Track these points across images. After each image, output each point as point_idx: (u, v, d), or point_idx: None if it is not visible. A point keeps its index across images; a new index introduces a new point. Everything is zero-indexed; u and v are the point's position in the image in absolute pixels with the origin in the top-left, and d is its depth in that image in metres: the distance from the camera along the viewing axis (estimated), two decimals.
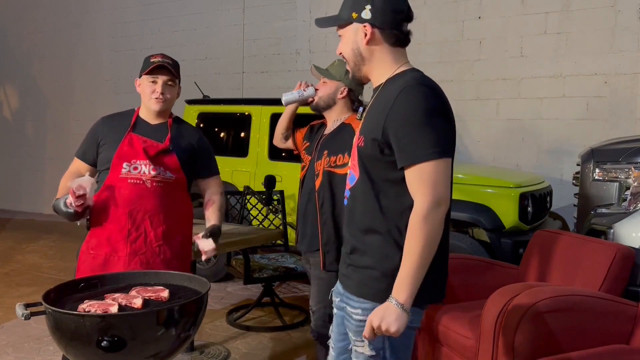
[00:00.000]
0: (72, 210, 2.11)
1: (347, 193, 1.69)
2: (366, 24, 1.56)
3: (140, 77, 2.35)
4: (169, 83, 2.31)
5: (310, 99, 2.61)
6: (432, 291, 1.57)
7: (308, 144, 2.74)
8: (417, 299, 1.48)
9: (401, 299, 1.44)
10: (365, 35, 1.56)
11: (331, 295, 1.82)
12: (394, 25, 1.57)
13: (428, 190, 1.44)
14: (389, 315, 1.45)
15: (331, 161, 2.51)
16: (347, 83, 2.54)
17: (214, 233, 2.26)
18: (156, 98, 2.29)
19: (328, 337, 2.60)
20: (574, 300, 2.23)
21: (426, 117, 1.45)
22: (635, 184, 3.25)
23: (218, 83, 7.15)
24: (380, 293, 1.53)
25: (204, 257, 2.25)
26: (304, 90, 2.60)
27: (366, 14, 1.55)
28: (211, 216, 2.38)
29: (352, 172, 1.66)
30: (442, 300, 1.64)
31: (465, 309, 2.67)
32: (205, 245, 2.22)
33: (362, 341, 1.58)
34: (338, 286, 1.75)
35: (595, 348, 2.19)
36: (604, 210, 3.39)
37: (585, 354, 2.14)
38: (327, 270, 2.52)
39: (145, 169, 2.25)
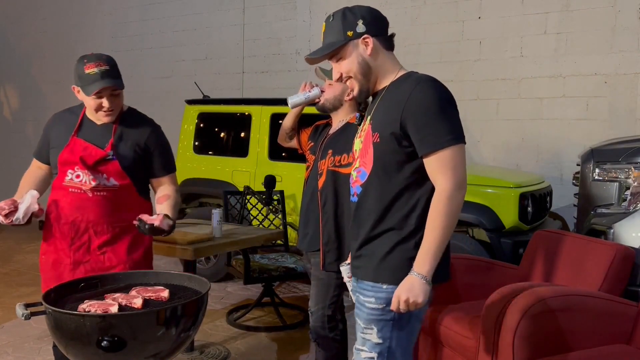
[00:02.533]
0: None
1: (357, 189, 1.76)
2: (365, 36, 1.68)
3: (77, 85, 2.15)
4: (115, 92, 2.15)
5: (317, 100, 2.60)
6: (441, 271, 1.66)
7: (312, 143, 2.73)
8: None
9: (424, 272, 1.57)
10: (367, 45, 1.69)
11: (326, 295, 1.89)
12: (384, 31, 1.73)
13: (450, 173, 1.57)
14: (415, 288, 1.57)
15: (335, 160, 2.50)
16: None
17: (153, 230, 2.03)
18: (104, 112, 2.15)
19: (327, 338, 2.61)
20: (574, 300, 2.23)
21: (442, 108, 1.59)
22: (635, 184, 3.25)
23: (218, 83, 7.15)
24: (397, 275, 1.64)
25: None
26: (309, 91, 2.57)
27: (360, 28, 1.68)
28: (163, 210, 2.16)
29: (362, 169, 1.74)
30: (449, 279, 1.76)
31: (466, 309, 2.67)
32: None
33: (372, 329, 1.69)
34: (353, 283, 1.83)
35: (595, 348, 2.19)
36: (604, 210, 3.39)
37: (585, 354, 2.14)
38: (327, 270, 2.52)
39: (86, 178, 2.15)
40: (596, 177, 3.56)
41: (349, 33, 1.68)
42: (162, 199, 2.25)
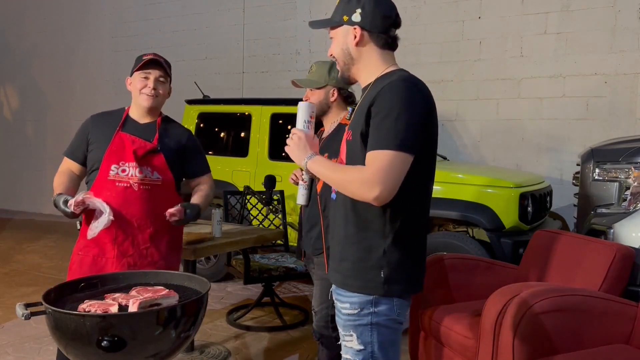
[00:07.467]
0: (69, 210, 2.13)
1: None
2: (356, 27, 1.64)
3: (131, 75, 2.35)
4: (161, 79, 2.32)
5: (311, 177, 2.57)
6: (412, 282, 1.64)
7: None
8: (400, 291, 1.59)
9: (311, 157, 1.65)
10: (355, 37, 1.65)
11: (331, 295, 1.85)
12: (382, 29, 1.65)
13: (371, 170, 1.48)
14: (301, 145, 1.67)
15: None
16: (332, 83, 2.54)
17: (185, 206, 2.27)
18: (147, 94, 2.30)
19: (330, 338, 2.61)
20: (574, 300, 2.23)
21: (399, 111, 1.50)
22: (635, 184, 3.25)
23: (218, 83, 7.15)
24: (366, 284, 1.60)
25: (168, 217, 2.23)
26: (303, 181, 2.55)
27: (356, 17, 1.64)
28: (195, 200, 2.38)
29: None
30: (421, 290, 1.71)
31: (466, 309, 2.67)
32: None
33: (351, 335, 1.64)
34: (333, 286, 1.79)
35: (595, 348, 2.19)
36: (604, 210, 3.39)
37: (585, 354, 2.14)
38: None
39: (133, 172, 2.25)
40: (596, 177, 3.56)
41: (345, 18, 1.66)
42: (196, 191, 2.44)
